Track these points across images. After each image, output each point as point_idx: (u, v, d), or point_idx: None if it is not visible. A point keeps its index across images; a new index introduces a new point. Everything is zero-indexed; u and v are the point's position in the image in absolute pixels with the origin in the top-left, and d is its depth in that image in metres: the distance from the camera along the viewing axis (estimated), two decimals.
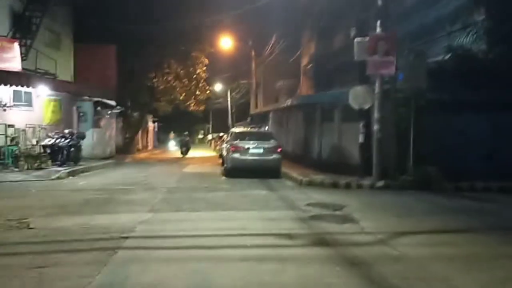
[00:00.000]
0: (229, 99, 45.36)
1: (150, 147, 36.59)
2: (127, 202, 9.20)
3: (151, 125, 38.06)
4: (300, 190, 11.25)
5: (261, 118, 26.88)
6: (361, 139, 12.85)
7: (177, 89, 29.05)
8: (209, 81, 33.76)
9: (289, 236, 6.39)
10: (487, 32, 12.95)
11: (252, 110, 33.82)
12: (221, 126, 47.33)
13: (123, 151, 25.24)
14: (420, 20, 15.35)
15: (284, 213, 8.13)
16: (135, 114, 28.33)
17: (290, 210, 8.45)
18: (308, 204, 8.95)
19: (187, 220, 7.52)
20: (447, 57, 12.99)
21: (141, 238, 6.25)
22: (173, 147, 35.57)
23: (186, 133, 30.88)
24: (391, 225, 7.25)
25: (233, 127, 27.41)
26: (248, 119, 32.88)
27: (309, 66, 24.95)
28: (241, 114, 41.49)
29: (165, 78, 27.97)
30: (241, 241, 6.11)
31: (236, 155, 14.27)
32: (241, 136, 15.11)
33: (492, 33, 12.95)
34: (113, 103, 23.07)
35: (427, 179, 11.47)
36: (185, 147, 27.08)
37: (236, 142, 14.62)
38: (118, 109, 24.10)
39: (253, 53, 31.84)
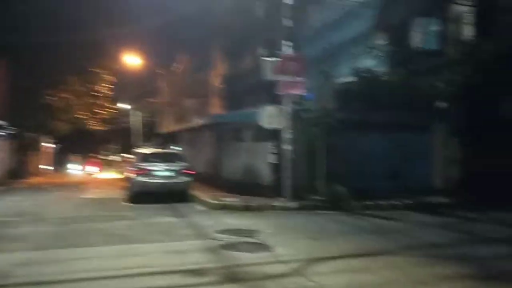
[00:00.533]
0: (137, 118, 43.58)
1: (47, 171, 33.75)
2: (4, 238, 7.94)
3: (49, 147, 35.21)
4: (211, 215, 10.64)
5: (172, 138, 25.95)
6: (272, 159, 12.64)
7: (77, 108, 27.16)
8: (115, 99, 32.12)
9: (196, 272, 5.75)
10: (388, 56, 13.53)
11: (162, 130, 32.71)
12: (130, 146, 45.23)
13: (15, 175, 22.83)
14: (326, 43, 15.73)
15: (193, 244, 7.47)
16: (30, 135, 25.94)
17: (199, 239, 7.82)
18: (219, 231, 8.38)
19: (81, 258, 6.56)
20: (352, 78, 13.33)
21: (20, 286, 5.23)
22: (73, 170, 33.14)
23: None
24: (306, 250, 6.93)
25: (141, 147, 26.12)
26: (158, 139, 31.70)
27: (220, 86, 24.66)
28: (151, 134, 40.01)
29: (63, 96, 26.01)
30: (142, 283, 5.36)
31: (142, 179, 13.30)
32: (148, 157, 14.17)
33: (392, 57, 13.56)
34: (3, 123, 20.84)
35: (337, 198, 11.48)
36: None
37: (141, 164, 13.66)
38: (9, 130, 21.83)
39: (162, 71, 30.92)
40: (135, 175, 13.52)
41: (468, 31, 13.20)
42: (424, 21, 14.01)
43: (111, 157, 48.70)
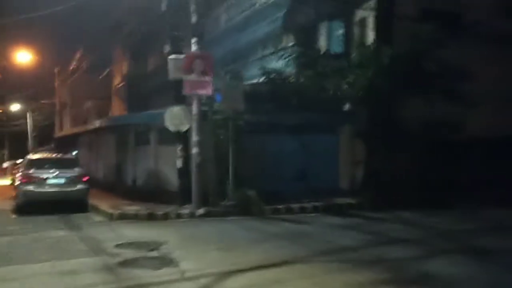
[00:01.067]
0: (29, 121, 39.95)
1: None
2: None
3: None
4: (110, 227, 9.65)
5: (69, 142, 23.91)
6: (179, 163, 11.90)
7: None
8: (2, 100, 29.00)
9: None
10: (296, 57, 13.46)
11: (58, 134, 30.18)
12: (21, 151, 41.33)
13: None
14: (234, 44, 15.39)
15: (86, 262, 6.53)
16: None
17: (95, 256, 6.89)
18: (119, 245, 7.50)
19: None
20: (261, 80, 13.07)
21: None
22: None
23: None
24: (216, 263, 6.37)
25: (35, 153, 23.73)
26: (52, 144, 29.17)
27: (121, 86, 23.25)
28: (45, 138, 36.86)
29: None
30: None
31: (30, 187, 11.81)
32: (38, 163, 12.67)
33: (300, 59, 13.51)
34: None
35: (247, 203, 11.07)
36: None
37: (30, 171, 12.15)
38: None
39: (56, 69, 28.52)
40: (23, 183, 12.00)
41: (370, 36, 13.59)
42: (330, 24, 14.21)
43: (5, 164, 44.07)
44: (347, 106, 13.08)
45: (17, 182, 13.19)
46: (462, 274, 5.91)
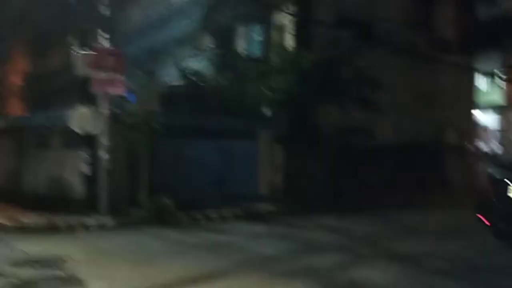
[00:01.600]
0: None
1: None
2: None
3: None
4: (5, 242, 8.41)
5: None
6: (86, 169, 10.85)
7: None
8: None
9: None
10: (216, 59, 13.04)
11: None
12: None
13: None
14: (150, 42, 14.57)
15: None
16: None
17: None
18: (14, 263, 6.47)
19: None
20: (179, 81, 12.45)
21: None
22: None
23: None
24: (131, 281, 5.69)
25: None
26: None
27: (21, 84, 21.15)
28: None
29: None
30: None
31: None
32: None
33: (220, 61, 13.11)
34: None
35: (162, 212, 10.35)
36: None
37: None
38: None
39: None
40: None
41: (289, 41, 13.57)
42: (250, 27, 13.99)
43: None
44: (267, 111, 12.87)
45: None
46: (390, 280, 5.83)
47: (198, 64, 13.01)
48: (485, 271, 6.35)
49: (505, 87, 20.77)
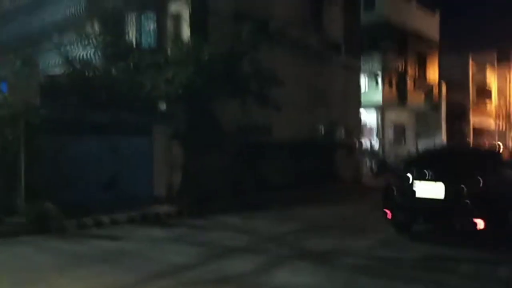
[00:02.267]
0: None
1: None
2: None
3: None
4: None
5: None
6: None
7: None
8: None
9: None
10: (104, 47, 11.81)
11: None
12: None
13: None
14: (27, 26, 12.73)
15: None
16: None
17: None
18: None
19: None
20: (63, 70, 11.02)
21: None
22: None
23: None
24: None
25: None
26: None
27: None
28: None
29: None
30: None
31: None
32: None
33: (109, 49, 11.90)
34: None
35: (44, 218, 8.97)
36: None
37: None
38: None
39: None
40: None
41: (186, 32, 12.86)
42: (142, 15, 12.96)
43: None
44: (164, 105, 12.01)
45: None
46: (312, 282, 5.56)
47: (84, 51, 11.65)
48: (395, 265, 6.43)
49: (383, 88, 22.41)
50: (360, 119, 19.81)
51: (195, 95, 11.50)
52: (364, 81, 21.29)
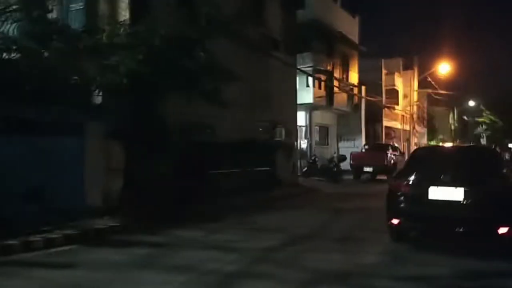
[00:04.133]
0: None
1: None
2: None
3: None
4: None
5: None
6: None
7: None
8: None
9: None
10: (24, 26, 9.45)
11: None
12: None
13: None
14: None
15: None
16: None
17: None
18: None
19: None
20: None
21: None
22: None
23: None
24: None
25: None
26: None
27: None
28: None
29: None
30: None
31: None
32: None
33: (28, 27, 9.58)
34: None
35: None
36: None
37: None
38: None
39: None
40: None
41: (123, 13, 11.00)
42: None
43: None
44: (99, 98, 10.02)
45: None
46: None
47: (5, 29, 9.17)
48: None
49: (314, 88, 22.05)
50: (296, 119, 19.15)
51: (141, 87, 9.70)
52: (298, 80, 20.72)
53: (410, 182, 6.84)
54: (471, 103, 54.45)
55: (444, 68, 35.26)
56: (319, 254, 6.98)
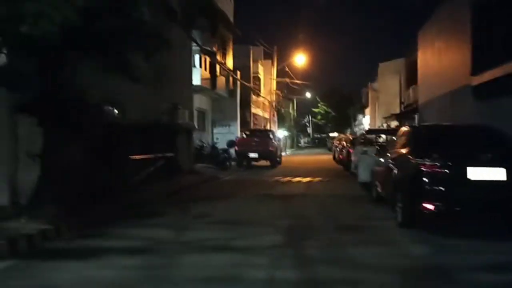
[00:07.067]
0: None
1: None
2: None
3: None
4: None
5: None
6: None
7: None
8: None
9: None
10: None
11: None
12: None
13: None
14: None
15: None
16: None
17: None
18: None
19: None
20: None
21: None
22: None
23: None
24: None
25: None
26: None
27: None
28: None
29: None
30: None
31: None
32: None
33: None
34: None
35: None
36: None
37: None
38: None
39: None
40: None
41: None
42: None
43: None
44: (2, 57, 7.35)
45: None
46: None
47: None
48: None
49: (201, 69, 20.77)
50: (192, 101, 17.67)
51: (63, 45, 7.34)
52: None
53: (445, 163, 6.30)
54: (308, 94, 58.85)
55: (300, 59, 37.30)
56: (360, 246, 6.06)
